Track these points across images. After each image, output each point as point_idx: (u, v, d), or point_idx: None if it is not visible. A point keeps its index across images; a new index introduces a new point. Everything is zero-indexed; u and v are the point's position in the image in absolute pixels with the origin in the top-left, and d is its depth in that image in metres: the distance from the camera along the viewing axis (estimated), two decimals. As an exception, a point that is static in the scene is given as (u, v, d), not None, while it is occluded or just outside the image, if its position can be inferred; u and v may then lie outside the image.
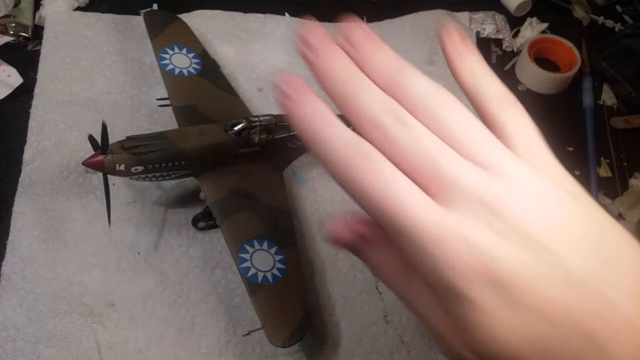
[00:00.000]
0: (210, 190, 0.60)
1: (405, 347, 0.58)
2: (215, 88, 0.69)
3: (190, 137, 0.59)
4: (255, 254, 0.57)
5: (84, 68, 0.77)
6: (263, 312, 0.55)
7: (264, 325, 0.54)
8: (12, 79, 0.74)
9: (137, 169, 0.57)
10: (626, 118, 0.81)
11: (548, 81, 0.82)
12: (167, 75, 0.67)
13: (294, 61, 0.82)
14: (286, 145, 0.64)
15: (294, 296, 0.57)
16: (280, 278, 0.57)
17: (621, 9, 0.94)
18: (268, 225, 0.60)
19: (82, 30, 0.79)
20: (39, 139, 0.70)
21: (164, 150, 0.57)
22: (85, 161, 0.54)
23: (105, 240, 0.65)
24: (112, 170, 0.56)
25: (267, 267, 0.57)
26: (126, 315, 0.61)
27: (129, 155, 0.56)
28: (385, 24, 0.88)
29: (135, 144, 0.57)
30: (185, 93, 0.66)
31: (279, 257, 0.58)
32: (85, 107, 0.74)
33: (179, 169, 0.59)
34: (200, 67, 0.69)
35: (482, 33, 0.88)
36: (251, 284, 0.55)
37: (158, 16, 0.72)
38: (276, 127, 0.62)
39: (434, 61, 0.83)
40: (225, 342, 0.61)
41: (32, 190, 0.67)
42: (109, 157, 0.55)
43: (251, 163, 0.63)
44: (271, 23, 0.85)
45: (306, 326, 0.56)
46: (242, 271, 0.56)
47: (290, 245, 0.60)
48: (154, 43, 0.68)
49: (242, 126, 0.60)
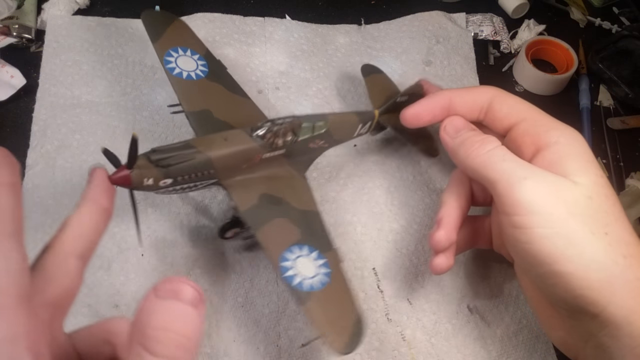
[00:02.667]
0: (240, 198, 0.58)
1: (407, 345, 0.59)
2: (226, 91, 0.67)
3: (217, 145, 0.57)
4: (297, 261, 0.55)
5: (85, 71, 0.77)
6: (318, 321, 0.52)
7: (322, 335, 0.52)
8: (16, 80, 0.75)
9: (165, 182, 0.54)
10: (623, 119, 0.82)
11: (545, 82, 0.83)
12: (175, 79, 0.64)
13: (293, 63, 0.83)
14: (309, 146, 0.64)
15: (343, 300, 0.55)
16: (327, 283, 0.54)
17: (618, 11, 0.95)
18: (303, 229, 0.58)
19: (83, 34, 0.80)
20: (41, 143, 0.71)
21: (192, 160, 0.55)
22: (111, 177, 0.50)
23: (109, 242, 0.65)
24: (139, 185, 0.52)
25: (312, 274, 0.54)
26: (130, 316, 0.61)
27: (157, 169, 0.53)
28: (383, 26, 0.89)
29: (162, 156, 0.53)
30: (197, 98, 0.64)
31: (322, 262, 0.56)
32: (87, 110, 0.74)
33: (207, 179, 0.57)
34: (207, 69, 0.67)
35: (480, 35, 0.89)
36: (299, 293, 0.53)
37: (157, 17, 0.70)
38: (300, 128, 0.61)
39: (431, 62, 0.84)
40: (230, 342, 0.61)
41: (35, 193, 0.67)
42: (136, 172, 0.52)
43: (276, 166, 0.62)
44: (270, 26, 0.85)
45: (362, 328, 0.54)
46: (286, 280, 0.53)
47: (329, 247, 0.58)
48: (156, 46, 0.67)
49: (266, 129, 0.59)
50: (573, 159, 0.53)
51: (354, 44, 0.86)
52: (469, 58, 0.86)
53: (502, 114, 0.59)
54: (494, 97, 0.60)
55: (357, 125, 0.68)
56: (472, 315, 0.66)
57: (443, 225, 0.58)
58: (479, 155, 0.55)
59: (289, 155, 0.62)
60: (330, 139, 0.66)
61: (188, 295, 0.35)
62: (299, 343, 0.62)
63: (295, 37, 0.85)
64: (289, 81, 0.81)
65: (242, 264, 0.66)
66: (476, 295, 0.67)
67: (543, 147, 0.55)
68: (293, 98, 0.80)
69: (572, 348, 0.56)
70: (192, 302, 0.35)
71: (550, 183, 0.51)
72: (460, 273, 0.68)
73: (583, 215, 0.49)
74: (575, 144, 0.55)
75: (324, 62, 0.84)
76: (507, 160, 0.54)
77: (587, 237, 0.48)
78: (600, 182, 0.52)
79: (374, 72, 0.78)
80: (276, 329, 0.63)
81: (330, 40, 0.86)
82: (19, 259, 0.32)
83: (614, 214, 0.51)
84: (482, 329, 0.65)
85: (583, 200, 0.50)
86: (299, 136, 0.62)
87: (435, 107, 0.62)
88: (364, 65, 0.77)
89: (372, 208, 0.71)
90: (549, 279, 0.50)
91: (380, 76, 0.78)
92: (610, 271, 0.48)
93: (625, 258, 0.48)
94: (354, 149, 0.76)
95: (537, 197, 0.50)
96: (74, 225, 0.40)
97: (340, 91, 0.81)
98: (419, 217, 0.72)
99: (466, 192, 0.61)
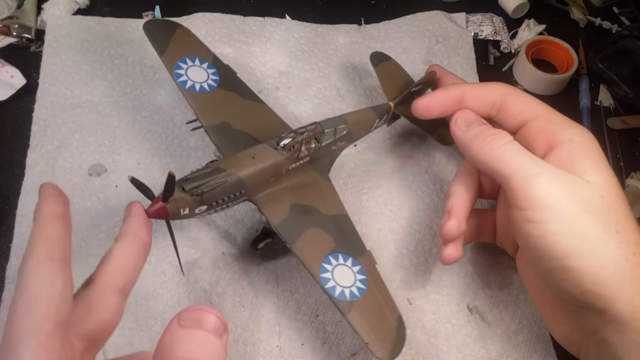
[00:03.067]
0: (271, 212, 0.58)
1: (407, 345, 0.59)
2: (240, 98, 0.66)
3: (246, 164, 0.57)
4: (335, 271, 0.55)
5: (85, 71, 0.77)
6: (362, 329, 0.53)
7: (367, 343, 0.53)
8: (16, 80, 0.75)
9: (200, 209, 0.55)
10: (623, 119, 0.82)
11: (545, 82, 0.83)
12: (189, 93, 0.63)
13: (293, 63, 0.83)
14: (331, 148, 0.64)
15: (382, 305, 0.56)
16: (365, 290, 0.55)
17: (618, 11, 0.95)
18: (336, 237, 0.58)
19: (83, 34, 0.80)
20: (41, 143, 0.71)
21: (224, 184, 0.55)
22: (148, 211, 0.51)
23: (109, 242, 0.65)
24: (176, 216, 0.53)
25: (350, 282, 0.55)
26: (131, 316, 0.61)
27: (192, 197, 0.53)
28: (382, 25, 0.89)
29: (195, 184, 0.53)
30: (213, 110, 0.63)
31: (357, 268, 0.57)
32: (87, 110, 0.74)
33: (239, 198, 0.57)
34: (217, 77, 0.66)
35: (480, 35, 0.89)
36: (342, 303, 0.54)
37: (159, 26, 0.69)
38: (323, 134, 0.61)
39: (431, 62, 0.84)
40: (229, 342, 0.61)
41: (35, 193, 0.67)
42: (172, 204, 0.52)
43: (302, 174, 0.62)
44: (270, 26, 0.85)
45: (403, 333, 0.55)
46: (328, 292, 0.54)
47: (362, 251, 0.59)
48: (163, 59, 0.66)
49: (290, 140, 0.59)
50: (586, 158, 0.54)
51: (354, 43, 0.86)
52: (469, 58, 0.86)
53: (515, 110, 0.60)
54: (507, 93, 0.61)
55: (374, 120, 0.68)
56: (472, 315, 0.66)
57: (453, 214, 0.59)
58: (492, 149, 0.56)
59: (312, 161, 0.63)
60: (350, 138, 0.67)
61: (211, 325, 0.35)
62: (299, 343, 0.62)
63: (295, 37, 0.85)
64: (289, 81, 0.81)
65: (241, 264, 0.66)
66: (476, 295, 0.67)
67: (557, 144, 0.56)
68: (293, 98, 0.80)
69: (574, 343, 0.56)
70: (216, 331, 0.35)
71: (564, 180, 0.52)
72: (460, 273, 0.68)
73: (595, 213, 0.50)
74: (589, 143, 0.55)
75: (324, 62, 0.84)
76: (521, 155, 0.54)
77: (600, 234, 0.50)
78: (612, 182, 0.53)
79: (384, 60, 0.76)
80: (276, 329, 0.63)
81: (330, 40, 0.86)
82: (64, 286, 0.33)
83: (624, 212, 0.52)
84: (482, 329, 0.65)
85: (596, 198, 0.51)
86: (322, 142, 0.62)
87: (447, 100, 0.63)
88: (372, 53, 0.76)
89: (372, 208, 0.71)
90: (559, 274, 0.51)
91: (391, 63, 0.76)
92: (620, 268, 0.49)
93: (634, 255, 0.49)
94: (354, 148, 0.76)
95: (551, 193, 0.51)
96: (115, 259, 0.41)
97: (340, 91, 0.81)
98: (419, 217, 0.72)
99: (474, 183, 0.62)
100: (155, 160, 0.72)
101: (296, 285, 0.65)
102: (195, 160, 0.72)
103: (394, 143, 0.78)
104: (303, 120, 0.78)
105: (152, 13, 0.85)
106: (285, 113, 0.78)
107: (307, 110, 0.79)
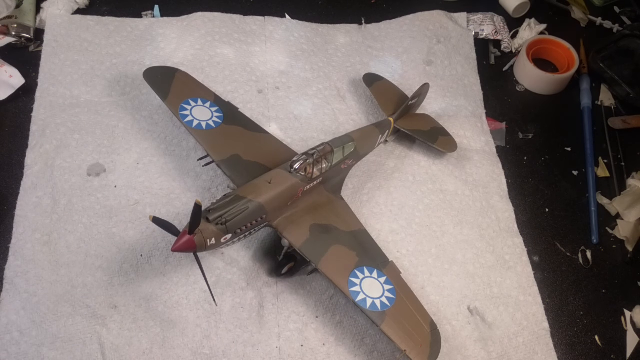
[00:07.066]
0: (293, 235, 0.60)
1: (406, 348, 0.59)
2: (246, 131, 0.69)
3: (264, 189, 0.59)
4: (363, 284, 0.58)
5: (84, 71, 0.77)
6: (397, 337, 0.56)
7: (404, 350, 0.55)
8: (14, 80, 0.74)
9: (226, 238, 0.57)
10: (624, 118, 0.82)
11: (546, 82, 0.83)
12: (197, 132, 0.66)
13: (293, 63, 0.83)
14: (341, 167, 0.66)
15: (413, 312, 0.58)
16: (395, 299, 0.58)
17: (619, 10, 0.94)
18: (358, 251, 0.61)
19: (82, 34, 0.80)
20: (40, 143, 0.71)
21: (246, 210, 0.57)
22: (175, 247, 0.52)
23: (107, 242, 0.65)
24: (203, 247, 0.54)
25: (379, 293, 0.58)
26: (130, 317, 0.61)
27: (217, 227, 0.55)
28: (383, 25, 0.88)
29: (219, 213, 0.55)
30: (222, 145, 0.66)
31: (384, 279, 0.59)
32: (86, 110, 0.74)
33: (260, 224, 0.60)
34: (221, 113, 0.69)
35: (481, 34, 0.88)
36: (375, 314, 0.56)
37: (158, 73, 0.71)
38: (332, 154, 0.64)
39: (432, 61, 0.84)
40: (229, 343, 0.61)
41: (34, 193, 0.67)
42: (199, 235, 0.54)
43: (316, 195, 0.64)
44: (270, 25, 0.85)
45: (438, 337, 0.58)
46: (360, 305, 0.56)
47: (385, 263, 0.61)
48: (167, 103, 0.68)
49: (302, 162, 0.61)
50: None
51: (355, 43, 0.86)
52: (470, 57, 0.86)
53: None
54: None
55: (378, 136, 0.71)
56: (472, 317, 0.66)
57: None
58: None
59: (325, 181, 0.65)
60: (357, 156, 0.70)
61: None
62: (299, 344, 0.62)
63: (295, 37, 0.85)
64: (289, 81, 0.81)
65: (240, 265, 0.66)
66: (476, 297, 0.67)
67: None
68: (293, 98, 0.80)
69: None
70: None
71: None
72: (460, 274, 0.68)
73: None
74: None
75: (324, 62, 0.83)
76: None
77: None
78: None
79: (377, 80, 0.79)
80: (275, 330, 0.63)
81: (330, 40, 0.86)
82: None
83: None
84: (482, 331, 0.65)
85: None
86: (332, 162, 0.64)
87: None
88: (365, 75, 0.79)
89: (372, 208, 0.71)
90: None
91: (383, 83, 0.79)
92: None
93: None
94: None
95: None
96: None
97: (340, 91, 0.81)
98: (418, 218, 0.71)
99: None
100: (154, 160, 0.71)
101: (295, 287, 0.65)
102: (195, 160, 0.71)
103: (394, 144, 0.78)
104: (303, 120, 0.78)
105: (152, 12, 0.85)
106: (285, 113, 0.78)
107: (307, 110, 0.79)
